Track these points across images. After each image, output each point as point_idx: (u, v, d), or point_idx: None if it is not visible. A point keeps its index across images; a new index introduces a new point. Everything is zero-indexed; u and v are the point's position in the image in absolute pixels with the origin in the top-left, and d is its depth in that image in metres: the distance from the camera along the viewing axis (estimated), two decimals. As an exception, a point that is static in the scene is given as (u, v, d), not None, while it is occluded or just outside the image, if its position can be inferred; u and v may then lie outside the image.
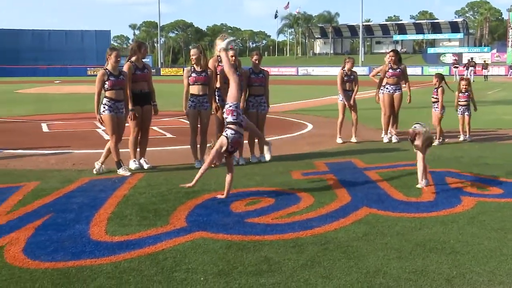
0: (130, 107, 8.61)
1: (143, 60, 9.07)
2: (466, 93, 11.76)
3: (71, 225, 5.74)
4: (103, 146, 8.77)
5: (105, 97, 8.33)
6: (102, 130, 12.85)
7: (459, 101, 11.84)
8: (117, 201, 6.71)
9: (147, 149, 9.12)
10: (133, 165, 8.69)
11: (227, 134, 6.69)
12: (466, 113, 11.73)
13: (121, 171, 8.28)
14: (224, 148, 6.62)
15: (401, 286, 4.25)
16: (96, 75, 8.77)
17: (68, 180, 7.87)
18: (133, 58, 8.79)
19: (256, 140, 9.50)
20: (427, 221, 5.91)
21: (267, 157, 7.52)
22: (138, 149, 8.91)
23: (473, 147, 11.15)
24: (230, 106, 6.85)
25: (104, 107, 8.30)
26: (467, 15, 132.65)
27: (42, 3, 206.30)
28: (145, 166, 8.77)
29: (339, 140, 11.66)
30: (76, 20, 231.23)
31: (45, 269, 4.58)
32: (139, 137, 8.86)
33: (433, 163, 8.81)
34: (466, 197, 6.90)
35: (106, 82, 8.24)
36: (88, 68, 72.50)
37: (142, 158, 8.94)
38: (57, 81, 55.30)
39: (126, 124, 8.71)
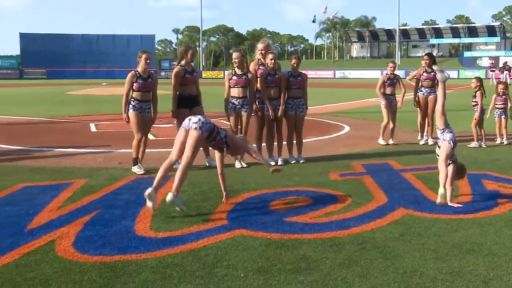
0: (172, 108, 8.71)
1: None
2: (504, 96, 11.53)
3: (117, 221, 5.83)
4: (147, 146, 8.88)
5: (132, 97, 8.48)
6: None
7: (496, 104, 11.61)
8: (161, 198, 6.76)
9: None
10: (212, 163, 8.78)
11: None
12: (503, 116, 11.50)
13: (135, 169, 8.41)
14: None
15: (438, 286, 4.18)
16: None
17: (114, 178, 8.00)
18: (183, 62, 8.84)
19: (294, 141, 9.49)
20: (463, 223, 5.80)
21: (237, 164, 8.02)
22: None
23: (510, 150, 10.90)
24: None
25: (130, 107, 8.46)
26: (504, 19, 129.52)
27: (92, 8, 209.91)
28: (238, 165, 8.91)
29: (381, 141, 11.56)
30: (122, 25, 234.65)
31: (93, 262, 4.67)
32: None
33: (470, 166, 8.61)
34: (503, 200, 6.75)
35: (135, 84, 8.38)
36: (133, 71, 73.05)
37: (208, 157, 9.05)
38: (104, 83, 56.21)
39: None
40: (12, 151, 10.76)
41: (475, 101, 11.36)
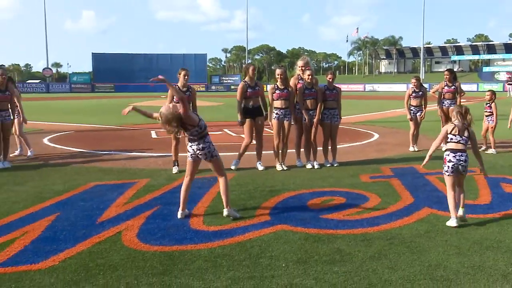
0: (239, 118, 8.87)
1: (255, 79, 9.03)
2: None
3: (174, 216, 5.89)
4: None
5: None
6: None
7: None
8: (212, 197, 6.83)
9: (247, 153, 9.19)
10: (259, 167, 8.95)
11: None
12: None
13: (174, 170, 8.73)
14: None
15: (460, 279, 4.09)
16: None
17: (172, 178, 8.10)
18: (246, 78, 8.91)
19: (329, 147, 9.43)
20: (484, 222, 5.66)
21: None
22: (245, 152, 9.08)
23: (527, 156, 10.55)
24: None
25: None
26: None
27: (153, 32, 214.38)
28: (279, 167, 8.92)
29: (411, 149, 11.41)
30: (180, 46, 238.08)
31: (154, 251, 4.75)
32: (251, 143, 9.04)
33: (490, 170, 8.38)
34: (521, 201, 6.55)
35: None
36: (188, 86, 74.13)
37: (258, 162, 9.09)
38: (163, 96, 56.78)
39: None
40: (85, 154, 11.00)
41: (489, 111, 11.16)
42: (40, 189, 7.38)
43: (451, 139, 5.62)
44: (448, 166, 5.59)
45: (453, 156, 5.55)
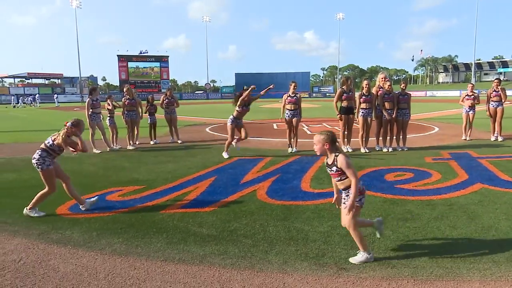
0: (338, 114, 8.64)
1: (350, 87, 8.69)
2: None
3: (290, 181, 5.90)
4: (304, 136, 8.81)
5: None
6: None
7: None
8: (315, 169, 6.73)
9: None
10: (348, 149, 8.65)
11: None
12: None
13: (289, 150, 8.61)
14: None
15: (509, 238, 3.61)
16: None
17: (289, 156, 8.08)
18: (344, 87, 8.64)
19: (401, 137, 8.82)
20: (529, 196, 4.92)
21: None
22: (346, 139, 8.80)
23: None
24: None
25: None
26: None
27: (273, 57, 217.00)
28: (362, 150, 8.55)
29: (463, 137, 10.31)
30: (291, 66, 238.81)
31: (277, 204, 4.79)
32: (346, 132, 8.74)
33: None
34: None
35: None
36: (297, 93, 73.92)
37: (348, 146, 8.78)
38: (280, 101, 57.23)
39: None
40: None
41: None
42: (204, 160, 7.81)
43: None
44: None
45: None
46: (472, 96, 10.35)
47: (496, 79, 10.56)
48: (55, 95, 52.25)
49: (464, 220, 4.10)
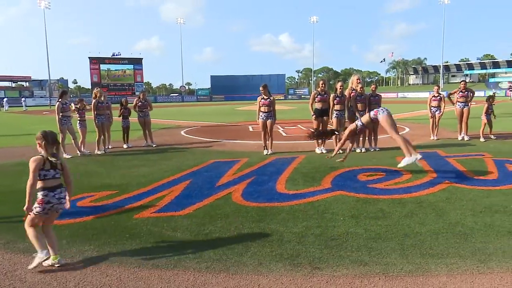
0: (313, 116, 8.73)
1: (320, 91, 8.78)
2: None
3: (266, 183, 5.91)
4: (285, 138, 8.85)
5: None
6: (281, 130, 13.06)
7: None
8: (291, 171, 6.79)
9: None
10: (321, 150, 8.69)
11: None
12: None
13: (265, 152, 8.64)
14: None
15: (474, 233, 3.77)
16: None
17: (264, 158, 8.12)
18: (318, 89, 8.75)
19: (373, 137, 9.02)
20: (492, 192, 5.15)
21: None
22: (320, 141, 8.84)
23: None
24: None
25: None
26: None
27: (249, 60, 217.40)
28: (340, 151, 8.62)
29: (432, 137, 10.71)
30: (266, 69, 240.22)
31: (253, 206, 4.79)
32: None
33: (496, 155, 7.65)
34: (523, 178, 5.87)
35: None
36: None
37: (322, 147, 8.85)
38: (255, 103, 57.38)
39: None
40: (207, 141, 11.35)
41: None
42: (179, 163, 7.72)
43: None
44: None
45: None
46: (438, 97, 10.76)
47: (462, 81, 11.00)
48: (23, 99, 50.43)
49: (432, 217, 4.24)
